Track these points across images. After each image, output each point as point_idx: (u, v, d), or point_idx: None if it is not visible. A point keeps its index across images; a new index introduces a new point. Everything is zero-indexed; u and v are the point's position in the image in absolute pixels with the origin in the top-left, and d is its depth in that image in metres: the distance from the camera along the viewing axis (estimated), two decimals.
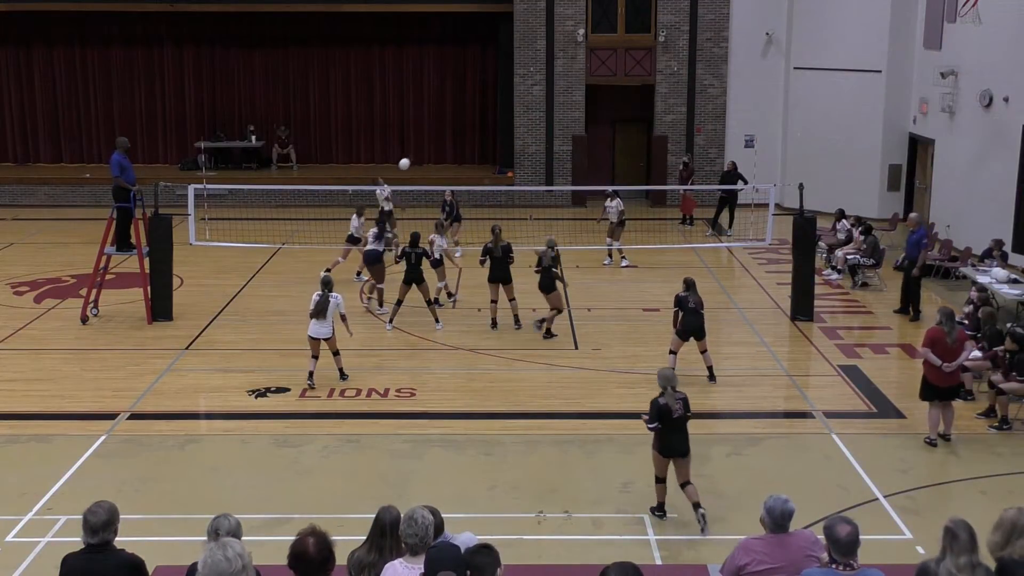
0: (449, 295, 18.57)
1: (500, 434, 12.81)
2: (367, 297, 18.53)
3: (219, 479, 11.69)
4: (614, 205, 21.03)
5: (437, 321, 16.98)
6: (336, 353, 14.48)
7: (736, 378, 15.08)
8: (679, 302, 14.46)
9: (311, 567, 5.60)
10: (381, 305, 17.86)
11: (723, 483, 11.45)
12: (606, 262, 21.28)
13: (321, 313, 14.00)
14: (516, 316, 17.02)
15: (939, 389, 12.38)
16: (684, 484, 10.35)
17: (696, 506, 10.31)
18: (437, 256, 17.80)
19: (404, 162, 22.24)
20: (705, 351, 14.59)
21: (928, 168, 24.22)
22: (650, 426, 10.29)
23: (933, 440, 12.45)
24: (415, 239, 16.78)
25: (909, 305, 17.78)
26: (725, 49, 27.34)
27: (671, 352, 14.59)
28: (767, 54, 27.37)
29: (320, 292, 14.10)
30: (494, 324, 16.99)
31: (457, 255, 19.77)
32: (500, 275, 16.86)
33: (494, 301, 17.00)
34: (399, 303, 16.84)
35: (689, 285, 14.54)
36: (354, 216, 19.68)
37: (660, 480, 10.51)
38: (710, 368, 14.63)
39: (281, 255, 21.45)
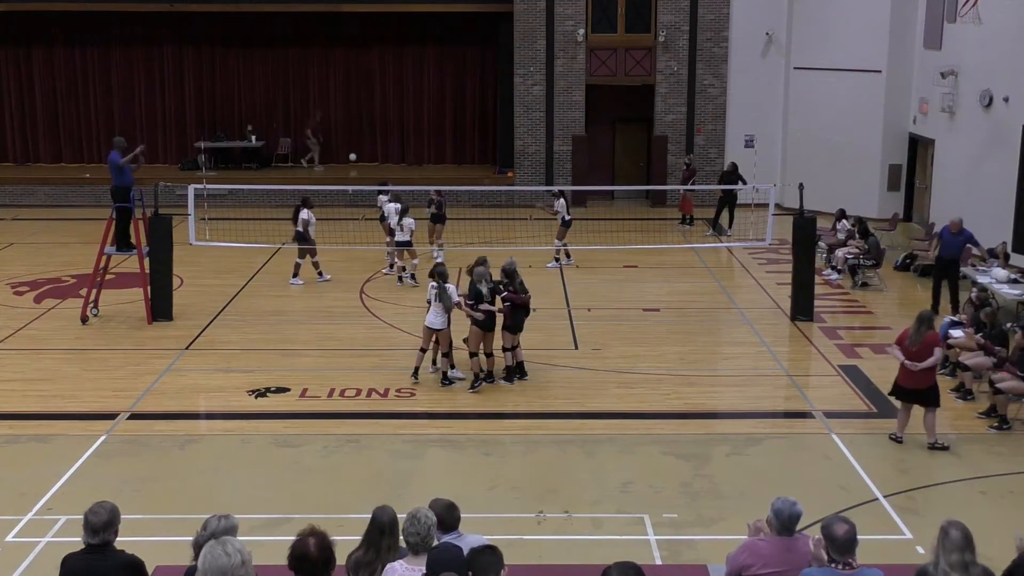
0: (399, 279, 19.29)
1: (500, 434, 12.81)
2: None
3: (219, 479, 11.70)
4: (558, 203, 20.92)
5: (452, 368, 14.73)
6: (446, 354, 14.39)
7: (736, 378, 15.09)
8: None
9: (313, 568, 5.59)
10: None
11: (723, 483, 11.46)
12: (550, 265, 21.00)
13: (439, 302, 14.00)
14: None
15: (902, 389, 12.36)
16: (489, 354, 14.01)
17: (478, 376, 13.88)
18: (407, 237, 18.99)
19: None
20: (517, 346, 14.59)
21: (928, 168, 24.22)
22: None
23: (898, 437, 12.47)
24: (443, 275, 14.84)
25: (938, 302, 17.77)
26: (725, 49, 27.34)
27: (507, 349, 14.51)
28: (767, 54, 27.37)
29: (436, 283, 14.03)
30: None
31: (438, 258, 19.89)
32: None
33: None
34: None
35: (502, 269, 14.37)
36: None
37: (473, 354, 13.96)
38: (521, 364, 14.60)
39: (281, 255, 21.43)
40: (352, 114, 30.22)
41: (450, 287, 14.16)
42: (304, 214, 19.49)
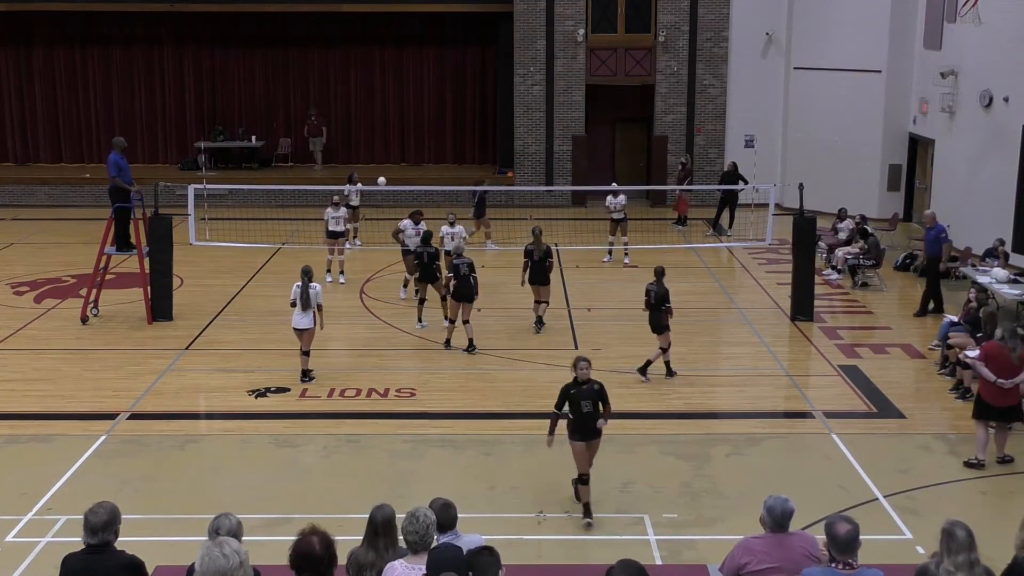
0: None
1: (500, 434, 12.82)
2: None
3: (219, 479, 11.70)
4: (619, 201, 21.11)
5: (420, 321, 16.98)
6: (306, 353, 14.49)
7: (736, 378, 15.09)
8: (646, 293, 14.60)
9: (320, 565, 5.58)
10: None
11: (723, 483, 11.46)
12: (606, 260, 21.34)
13: (306, 303, 14.13)
14: (539, 318, 16.96)
15: (992, 408, 11.70)
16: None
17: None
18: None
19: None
20: (662, 348, 14.61)
21: (928, 168, 24.22)
22: (556, 410, 10.54)
23: (979, 461, 11.78)
24: (427, 238, 16.76)
25: (929, 304, 17.73)
26: (725, 49, 27.33)
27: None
28: (767, 54, 27.37)
29: (300, 282, 14.20)
30: (539, 322, 16.97)
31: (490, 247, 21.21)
32: (538, 278, 16.68)
33: (538, 301, 16.89)
34: (421, 301, 16.90)
35: (657, 275, 14.56)
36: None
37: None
38: (648, 363, 14.66)
39: (281, 255, 21.44)
40: (352, 114, 30.22)
41: (315, 286, 14.24)
42: (400, 223, 18.45)
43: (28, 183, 28.34)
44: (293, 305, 14.29)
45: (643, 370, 14.63)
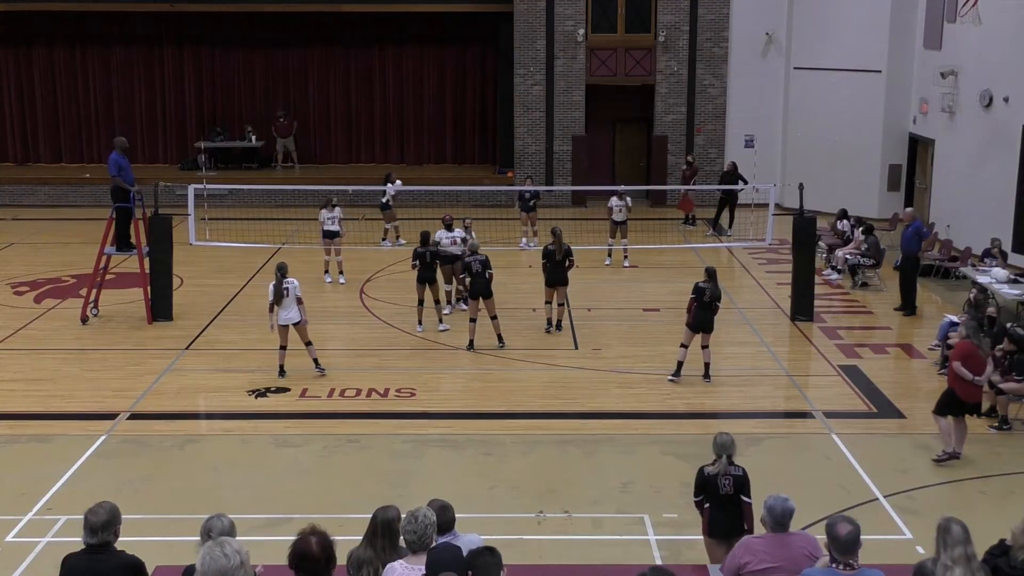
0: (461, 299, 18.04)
1: (500, 434, 12.81)
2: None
3: (219, 479, 11.70)
4: (623, 203, 21.05)
5: (440, 322, 16.90)
6: (308, 343, 14.61)
7: (736, 378, 15.07)
8: (696, 292, 14.38)
9: (316, 566, 5.60)
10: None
11: None
12: (607, 262, 21.31)
13: (279, 298, 14.22)
14: (559, 321, 16.90)
15: (964, 404, 11.94)
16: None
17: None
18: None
19: (397, 183, 21.49)
20: (706, 347, 14.53)
21: (928, 168, 24.22)
22: (696, 499, 8.67)
23: (953, 453, 11.93)
24: (425, 238, 16.75)
25: (914, 300, 17.81)
26: (725, 49, 27.34)
27: (682, 345, 14.58)
28: (767, 54, 27.36)
29: (275, 280, 14.31)
30: (550, 324, 16.87)
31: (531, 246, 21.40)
32: (558, 278, 16.57)
33: (548, 302, 16.86)
34: (421, 303, 16.85)
35: (710, 275, 14.39)
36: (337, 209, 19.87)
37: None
38: (706, 365, 14.58)
39: (281, 255, 21.41)
40: (352, 114, 30.21)
41: (291, 281, 14.32)
42: (435, 235, 17.57)
43: (28, 183, 28.31)
44: (272, 309, 14.39)
45: (707, 375, 14.60)
